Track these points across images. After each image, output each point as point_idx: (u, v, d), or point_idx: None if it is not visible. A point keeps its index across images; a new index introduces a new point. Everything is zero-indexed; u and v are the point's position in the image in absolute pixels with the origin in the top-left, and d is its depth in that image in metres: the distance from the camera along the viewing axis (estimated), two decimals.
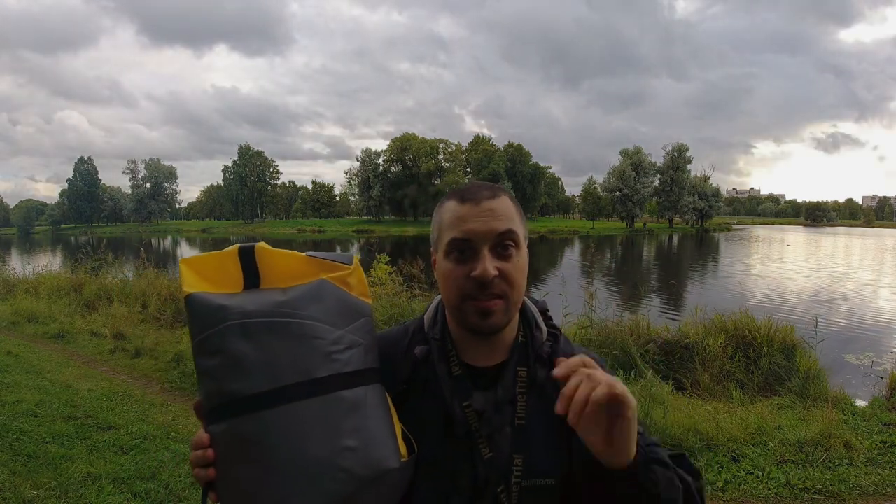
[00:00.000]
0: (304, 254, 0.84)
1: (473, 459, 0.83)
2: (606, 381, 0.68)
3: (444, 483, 0.84)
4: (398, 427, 0.82)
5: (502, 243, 0.83)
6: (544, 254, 35.23)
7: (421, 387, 0.88)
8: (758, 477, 3.28)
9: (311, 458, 0.73)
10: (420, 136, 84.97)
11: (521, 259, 0.85)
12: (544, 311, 0.96)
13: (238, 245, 0.83)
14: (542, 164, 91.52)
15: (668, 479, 0.77)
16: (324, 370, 0.76)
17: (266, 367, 0.74)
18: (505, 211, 0.84)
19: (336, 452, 0.74)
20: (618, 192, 73.86)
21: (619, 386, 0.68)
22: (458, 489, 0.84)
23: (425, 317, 0.96)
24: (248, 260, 0.83)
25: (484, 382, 0.87)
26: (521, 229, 0.86)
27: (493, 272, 0.80)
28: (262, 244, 0.83)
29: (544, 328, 0.93)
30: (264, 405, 0.73)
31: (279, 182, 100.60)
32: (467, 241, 0.82)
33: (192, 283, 0.80)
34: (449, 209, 0.86)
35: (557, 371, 0.71)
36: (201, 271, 0.82)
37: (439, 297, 0.94)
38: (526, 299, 0.93)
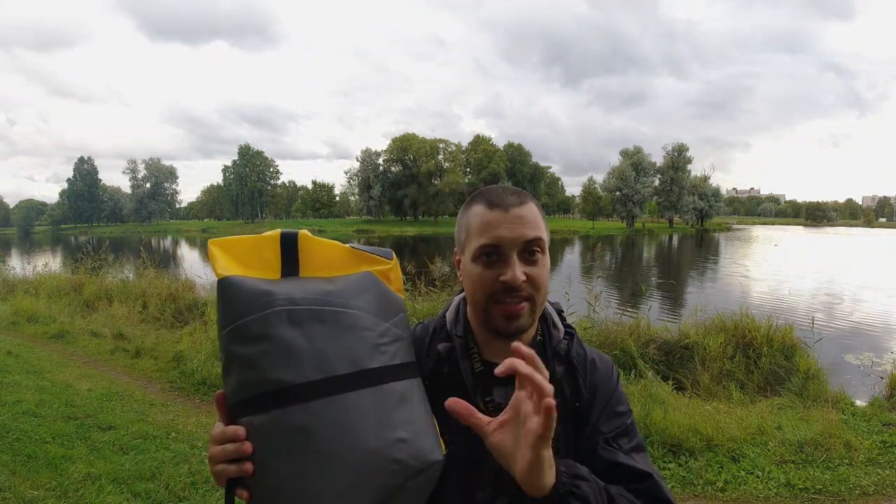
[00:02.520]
0: (347, 245, 0.84)
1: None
2: (546, 403, 0.63)
3: (467, 477, 0.86)
4: (435, 422, 0.83)
5: (530, 249, 0.85)
6: None
7: (444, 382, 0.89)
8: (758, 477, 3.28)
9: (365, 450, 0.71)
10: (420, 136, 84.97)
11: (546, 263, 0.88)
12: (560, 312, 0.99)
13: (280, 230, 0.82)
14: (542, 164, 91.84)
15: None
16: (374, 361, 0.76)
17: (316, 355, 0.72)
18: (533, 218, 0.86)
19: (390, 444, 0.73)
20: (618, 192, 73.80)
21: (550, 419, 0.63)
22: (481, 483, 0.85)
23: (447, 315, 0.98)
24: (289, 246, 0.81)
25: (505, 378, 0.86)
26: (546, 235, 0.88)
27: (522, 277, 0.83)
28: (306, 231, 0.82)
29: (561, 327, 0.96)
30: (316, 395, 0.71)
31: (279, 182, 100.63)
32: (497, 247, 0.84)
33: (225, 266, 0.78)
34: (477, 214, 0.88)
35: (499, 369, 0.66)
36: (235, 254, 0.80)
37: (460, 295, 0.98)
38: None
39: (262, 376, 0.71)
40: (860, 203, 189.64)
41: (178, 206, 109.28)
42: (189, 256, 30.78)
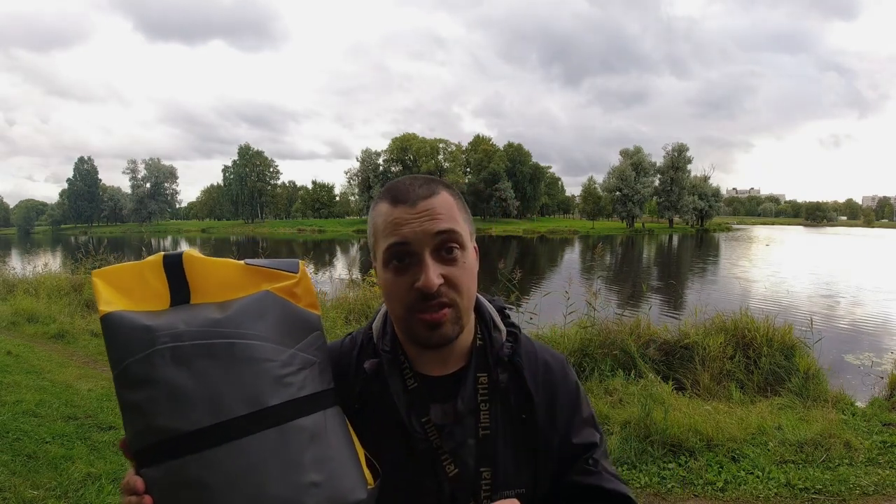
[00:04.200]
0: (241, 261, 0.75)
1: (438, 477, 0.77)
2: None
3: (409, 503, 0.78)
4: (361, 452, 0.75)
5: (445, 246, 0.74)
6: (545, 254, 35.23)
7: (375, 403, 0.81)
8: (758, 477, 3.28)
9: (272, 500, 0.64)
10: (420, 136, 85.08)
11: (467, 260, 0.77)
12: (501, 310, 0.89)
13: (162, 253, 0.73)
14: (542, 164, 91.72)
15: None
16: (276, 397, 0.67)
17: (207, 397, 0.64)
18: (445, 209, 0.75)
19: (299, 490, 0.65)
20: (618, 192, 73.82)
21: None
22: None
23: (373, 326, 0.87)
24: (174, 270, 0.72)
25: (442, 393, 0.80)
26: (465, 227, 0.78)
27: (438, 280, 0.73)
28: (191, 251, 0.73)
29: (503, 328, 0.86)
30: (209, 443, 0.63)
31: (279, 182, 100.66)
32: (405, 245, 0.74)
33: (108, 300, 0.69)
34: (381, 213, 0.77)
35: None
36: (120, 285, 0.71)
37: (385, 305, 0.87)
38: (481, 297, 0.87)
39: (151, 424, 0.65)
40: (860, 203, 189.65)
41: (177, 206, 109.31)
42: None
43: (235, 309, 0.70)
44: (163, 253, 0.73)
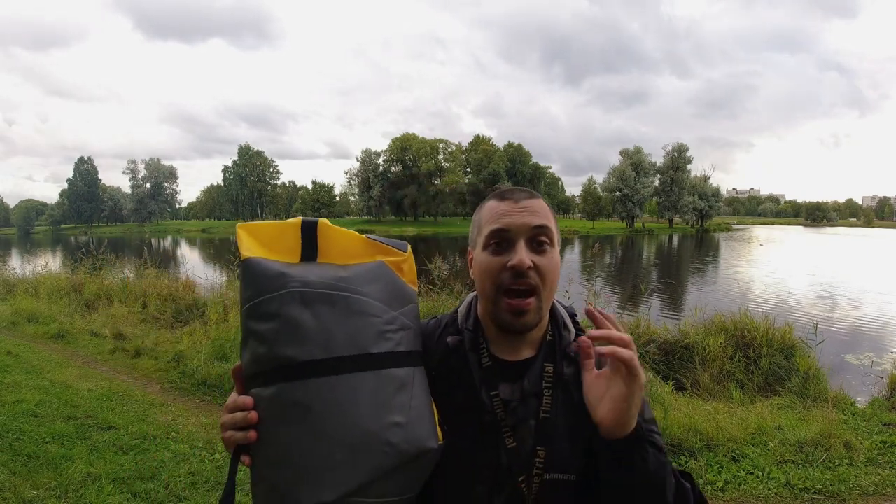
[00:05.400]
0: (363, 235, 0.88)
1: (498, 448, 0.85)
2: (632, 350, 0.75)
3: (467, 470, 0.86)
4: (435, 411, 0.84)
5: (537, 238, 0.86)
6: None
7: (451, 375, 0.90)
8: (758, 477, 3.28)
9: (360, 429, 0.73)
10: (420, 137, 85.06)
11: (554, 257, 0.88)
12: (573, 315, 0.99)
13: (301, 217, 0.86)
14: (542, 164, 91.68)
15: (659, 463, 0.79)
16: (378, 346, 0.78)
17: (323, 336, 0.75)
18: (542, 210, 0.88)
19: (384, 426, 0.74)
20: (618, 192, 73.81)
21: (637, 360, 0.75)
22: (480, 477, 0.85)
23: (459, 310, 0.99)
24: (309, 233, 0.85)
25: (512, 375, 0.89)
26: (555, 230, 0.90)
27: (529, 262, 0.83)
28: (325, 220, 0.86)
29: (572, 329, 0.95)
30: (319, 373, 0.74)
31: (279, 182, 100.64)
32: (505, 231, 0.86)
33: (249, 248, 0.82)
34: (489, 207, 0.91)
35: (593, 333, 0.78)
36: (259, 237, 0.84)
37: (473, 293, 0.99)
38: (555, 302, 0.96)
39: (272, 352, 0.75)
40: (860, 203, 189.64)
41: (177, 206, 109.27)
42: (189, 256, 30.80)
43: (355, 271, 0.82)
44: (301, 217, 0.86)
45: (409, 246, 0.89)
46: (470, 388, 0.88)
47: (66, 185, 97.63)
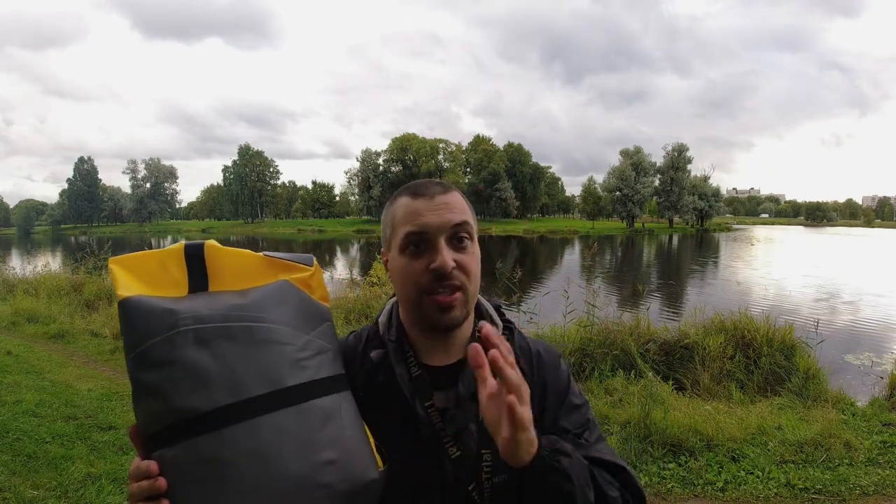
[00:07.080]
0: (259, 253, 0.78)
1: (441, 459, 0.82)
2: (521, 395, 0.64)
3: (413, 486, 0.82)
4: (370, 436, 0.77)
5: (457, 235, 0.82)
6: (545, 254, 35.23)
7: (379, 391, 0.85)
8: (758, 477, 3.28)
9: (287, 477, 0.65)
10: (420, 136, 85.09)
11: (476, 252, 0.85)
12: (497, 307, 0.95)
13: (184, 242, 0.76)
14: (542, 164, 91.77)
15: (562, 492, 0.70)
16: (294, 378, 0.69)
17: (227, 377, 0.66)
18: (459, 204, 0.84)
19: (315, 467, 0.67)
20: (618, 192, 73.80)
21: (519, 410, 0.64)
22: (428, 491, 0.82)
23: (380, 321, 0.93)
24: (196, 259, 0.75)
25: (444, 381, 0.85)
26: (473, 222, 0.86)
27: (452, 263, 0.79)
28: (212, 242, 0.75)
29: (499, 322, 0.92)
30: (230, 420, 0.65)
31: (279, 182, 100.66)
32: (423, 233, 0.81)
33: (126, 286, 0.71)
34: (402, 205, 0.85)
35: (474, 361, 0.64)
36: (137, 272, 0.74)
37: (392, 300, 0.94)
38: (479, 296, 0.92)
39: (171, 405, 0.66)
40: (860, 203, 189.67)
41: (177, 206, 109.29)
42: None
43: (255, 295, 0.73)
44: (184, 242, 0.76)
45: (315, 258, 0.81)
46: (402, 403, 0.83)
47: (65, 185, 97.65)
